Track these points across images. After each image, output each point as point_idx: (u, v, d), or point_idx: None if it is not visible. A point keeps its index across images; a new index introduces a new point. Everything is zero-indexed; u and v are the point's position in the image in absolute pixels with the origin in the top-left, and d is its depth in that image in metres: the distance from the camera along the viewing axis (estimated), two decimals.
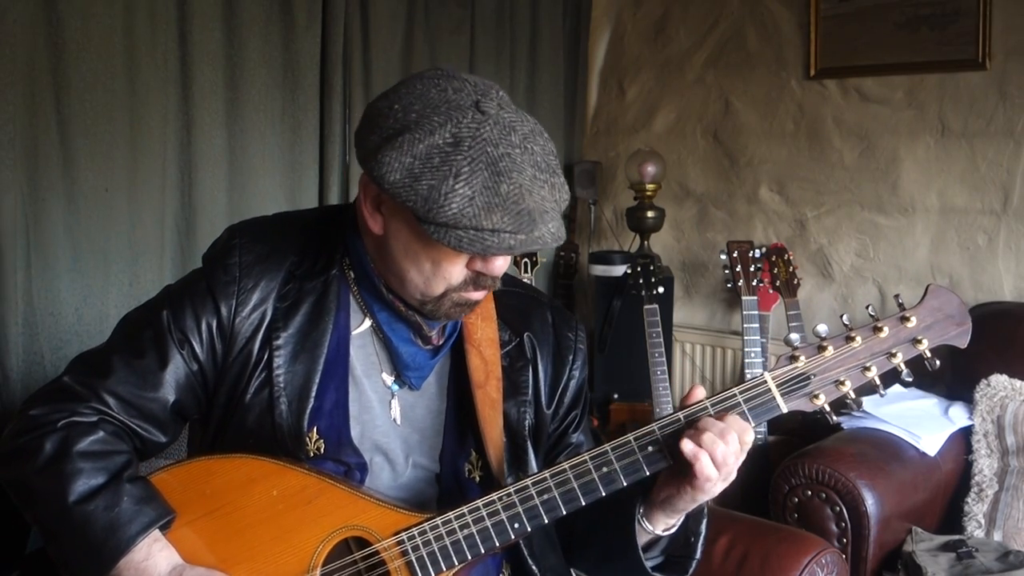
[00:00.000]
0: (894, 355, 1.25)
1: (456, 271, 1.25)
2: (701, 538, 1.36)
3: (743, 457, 1.24)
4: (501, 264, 1.26)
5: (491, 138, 1.16)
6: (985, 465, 2.51)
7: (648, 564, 1.34)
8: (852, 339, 1.26)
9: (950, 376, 2.77)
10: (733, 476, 1.25)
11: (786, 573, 1.80)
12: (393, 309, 1.34)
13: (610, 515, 1.34)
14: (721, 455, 1.21)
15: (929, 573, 2.24)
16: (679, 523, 1.33)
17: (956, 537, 2.36)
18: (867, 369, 1.25)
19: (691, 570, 1.37)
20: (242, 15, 2.75)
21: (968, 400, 2.62)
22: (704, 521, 1.36)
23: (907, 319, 1.26)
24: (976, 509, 2.47)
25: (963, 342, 1.27)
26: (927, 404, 2.69)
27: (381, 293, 1.33)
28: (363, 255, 1.34)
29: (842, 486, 2.30)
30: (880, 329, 1.26)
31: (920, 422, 2.57)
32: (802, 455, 2.41)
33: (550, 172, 1.20)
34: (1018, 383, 2.56)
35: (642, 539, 1.32)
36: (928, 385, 2.80)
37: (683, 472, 1.24)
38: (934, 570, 2.24)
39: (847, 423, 2.65)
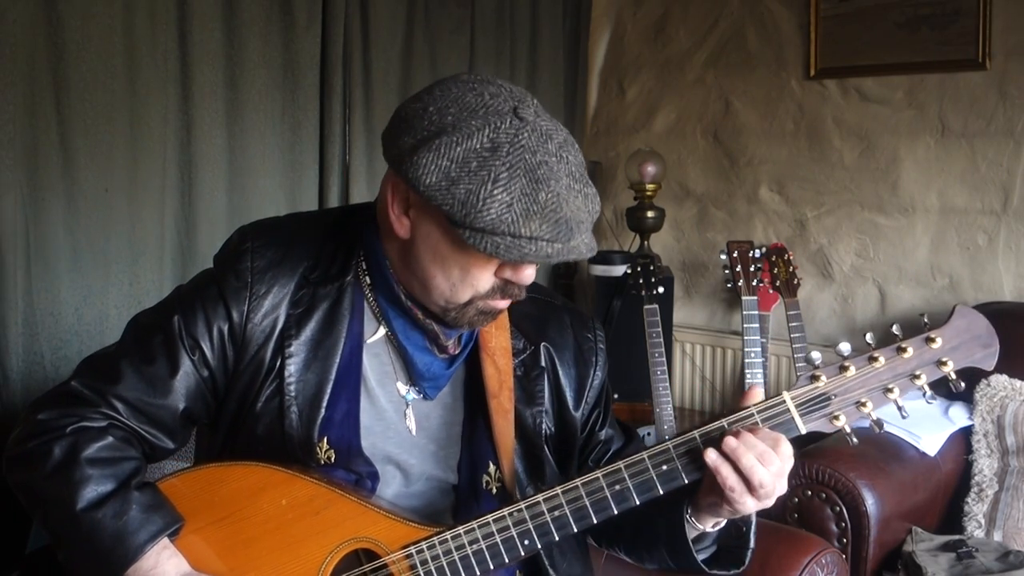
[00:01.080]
0: (917, 377, 1.22)
1: (485, 279, 1.23)
2: (753, 527, 1.33)
3: (781, 468, 1.20)
4: (530, 273, 1.24)
5: (529, 145, 1.14)
6: (985, 465, 2.51)
7: (700, 557, 1.32)
8: (875, 359, 1.22)
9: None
10: (773, 489, 1.20)
11: (786, 573, 1.80)
12: (410, 316, 1.32)
13: (658, 514, 1.32)
14: (747, 465, 1.18)
15: (929, 573, 2.24)
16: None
17: (956, 537, 2.36)
18: (889, 391, 1.22)
19: (748, 558, 1.34)
20: (242, 15, 2.75)
21: (968, 400, 2.62)
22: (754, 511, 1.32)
23: (932, 340, 1.22)
24: (976, 509, 2.47)
25: (989, 364, 1.25)
26: (927, 404, 2.68)
27: (399, 299, 1.31)
28: (382, 259, 1.31)
29: (842, 486, 2.30)
30: (904, 350, 1.22)
31: (920, 422, 2.57)
32: (802, 455, 2.41)
33: (583, 183, 1.19)
34: (1018, 383, 2.56)
35: (691, 534, 1.31)
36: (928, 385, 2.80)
37: (716, 485, 1.22)
38: (934, 570, 2.24)
39: None
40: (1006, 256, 2.99)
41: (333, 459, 1.29)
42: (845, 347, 1.24)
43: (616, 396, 3.28)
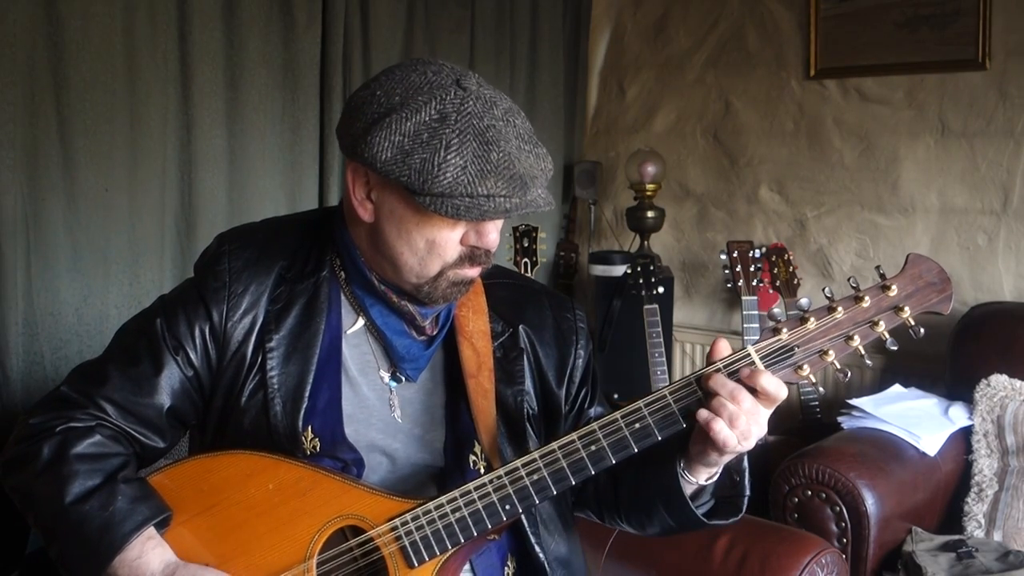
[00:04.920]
0: (876, 324, 1.25)
1: (451, 247, 1.27)
2: (746, 475, 1.35)
3: (766, 409, 1.23)
4: (494, 237, 1.28)
5: (475, 111, 1.21)
6: (985, 465, 2.51)
7: (700, 511, 1.34)
8: (834, 310, 1.25)
9: (950, 376, 2.77)
10: (756, 432, 1.23)
11: (786, 573, 1.80)
12: (386, 302, 1.35)
13: (653, 473, 1.34)
14: (729, 415, 1.20)
15: (929, 573, 2.24)
16: (720, 468, 1.33)
17: (956, 537, 2.36)
18: (850, 339, 1.25)
19: (744, 507, 1.36)
20: (242, 15, 2.75)
21: (968, 400, 2.62)
22: (745, 457, 1.34)
23: (888, 288, 1.26)
24: (976, 509, 2.47)
25: (945, 308, 1.28)
26: (927, 404, 2.69)
27: (373, 286, 1.35)
28: (353, 250, 1.35)
29: (842, 486, 2.30)
30: (861, 299, 1.26)
31: (920, 422, 2.57)
32: (802, 455, 2.41)
33: (533, 143, 1.25)
34: (1018, 383, 2.56)
35: (688, 489, 1.32)
36: (928, 385, 2.80)
37: (704, 434, 1.24)
38: (934, 570, 2.24)
39: (847, 423, 2.65)
40: (1006, 256, 2.99)
41: (318, 447, 1.32)
42: (804, 301, 1.29)
43: (616, 396, 3.28)
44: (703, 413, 1.22)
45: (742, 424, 1.20)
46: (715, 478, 1.33)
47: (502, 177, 1.19)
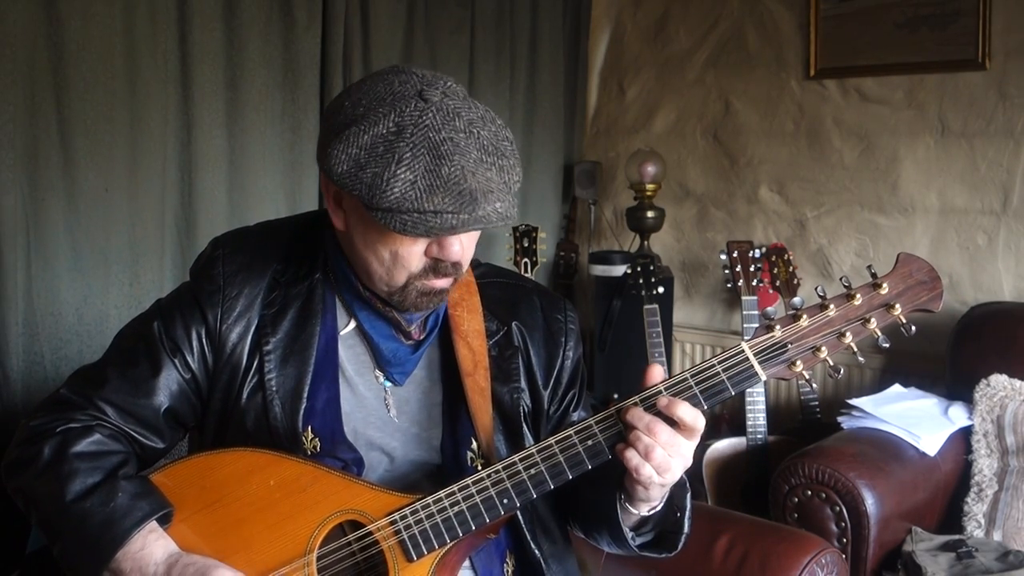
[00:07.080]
0: (868, 321, 1.27)
1: (414, 259, 1.28)
2: (687, 512, 1.36)
3: (688, 441, 1.23)
4: (457, 250, 1.28)
5: (433, 124, 1.19)
6: (985, 465, 2.51)
7: (636, 542, 1.36)
8: (826, 307, 1.27)
9: (950, 376, 2.77)
10: (678, 464, 1.23)
11: (786, 573, 1.80)
12: (372, 307, 1.37)
13: (599, 498, 1.36)
14: (644, 448, 1.21)
15: (929, 573, 2.24)
16: (663, 501, 1.33)
17: (956, 537, 2.37)
18: (843, 336, 1.26)
19: (680, 544, 1.37)
20: (242, 15, 2.75)
21: (968, 400, 2.62)
22: (688, 495, 1.36)
23: (879, 286, 1.28)
24: (976, 509, 2.47)
25: (936, 305, 1.29)
26: (927, 404, 2.69)
27: (359, 291, 1.36)
28: (338, 255, 1.37)
29: (842, 486, 2.31)
30: (853, 296, 1.27)
31: (920, 422, 2.57)
32: (802, 455, 2.41)
33: (499, 155, 1.23)
34: (1018, 383, 2.56)
35: (630, 519, 1.34)
36: (928, 385, 2.80)
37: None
38: (934, 570, 2.24)
39: (847, 423, 2.65)
40: (1006, 256, 3.00)
41: (319, 447, 1.34)
42: (797, 300, 1.29)
43: (616, 396, 3.28)
44: (619, 446, 1.24)
45: (658, 456, 1.21)
46: (657, 509, 1.33)
47: (451, 192, 1.17)
